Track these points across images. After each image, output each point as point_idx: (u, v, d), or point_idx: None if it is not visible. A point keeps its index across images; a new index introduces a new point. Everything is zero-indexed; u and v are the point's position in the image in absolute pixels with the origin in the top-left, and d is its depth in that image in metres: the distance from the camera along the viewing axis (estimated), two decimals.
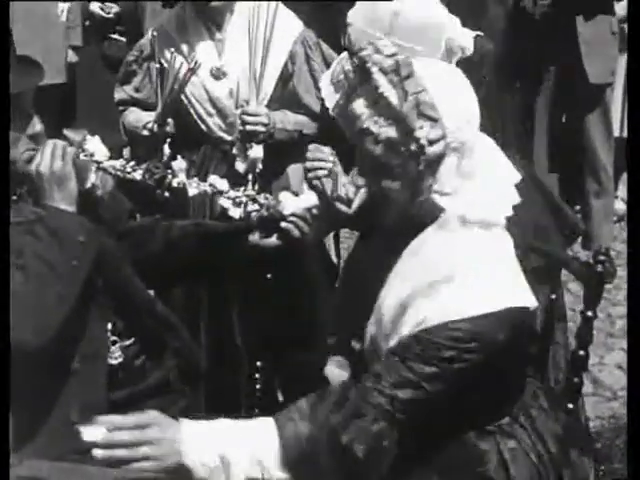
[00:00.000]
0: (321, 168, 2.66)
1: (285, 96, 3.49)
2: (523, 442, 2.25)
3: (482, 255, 2.15)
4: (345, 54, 2.92)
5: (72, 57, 6.48)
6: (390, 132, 2.10)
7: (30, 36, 5.92)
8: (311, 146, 2.75)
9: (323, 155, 2.70)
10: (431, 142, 2.08)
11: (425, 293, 2.12)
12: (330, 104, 2.37)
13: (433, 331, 2.08)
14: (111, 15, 6.75)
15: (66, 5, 6.32)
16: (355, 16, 2.72)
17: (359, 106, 2.14)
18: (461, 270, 2.11)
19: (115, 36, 6.80)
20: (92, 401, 2.45)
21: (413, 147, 2.08)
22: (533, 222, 3.11)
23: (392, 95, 2.09)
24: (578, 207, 5.79)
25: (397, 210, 2.21)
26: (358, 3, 2.75)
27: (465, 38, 2.89)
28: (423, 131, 2.07)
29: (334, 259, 3.63)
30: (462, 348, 2.08)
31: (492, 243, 2.18)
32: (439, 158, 2.10)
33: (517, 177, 2.27)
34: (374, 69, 2.12)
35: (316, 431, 2.08)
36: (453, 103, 2.12)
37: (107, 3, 6.75)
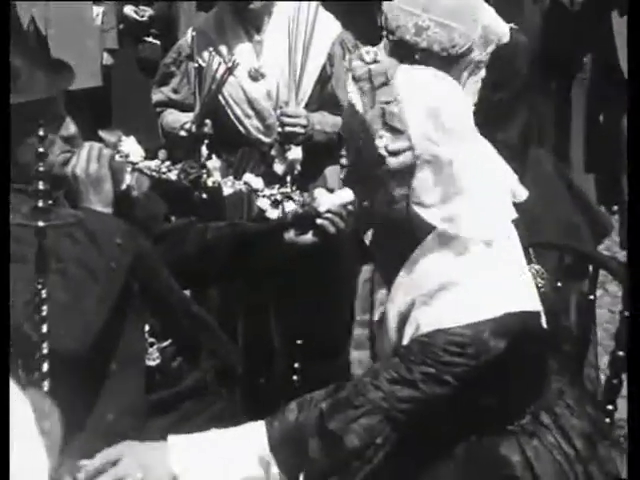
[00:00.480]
0: None
1: (323, 97, 3.50)
2: (545, 441, 2.24)
3: (478, 264, 2.14)
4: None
5: (107, 59, 6.53)
6: (359, 141, 2.12)
7: (65, 41, 5.99)
8: None
9: None
10: (393, 153, 2.08)
11: (423, 302, 2.13)
12: None
13: (432, 335, 2.09)
14: (145, 18, 6.79)
15: (101, 9, 6.36)
16: None
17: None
18: (457, 279, 2.11)
19: (149, 39, 6.84)
20: (130, 403, 2.45)
21: (376, 156, 2.09)
22: (563, 221, 3.11)
23: (358, 102, 2.11)
24: (616, 207, 5.74)
25: (381, 219, 2.23)
26: None
27: (500, 25, 2.90)
28: (382, 141, 2.08)
29: None
30: (461, 353, 2.08)
31: (487, 253, 2.16)
32: (408, 169, 2.10)
33: (522, 195, 2.24)
34: (349, 75, 2.13)
35: (303, 417, 2.09)
36: (432, 116, 2.09)
37: (141, 6, 6.80)
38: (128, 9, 6.78)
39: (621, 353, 2.64)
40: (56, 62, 2.45)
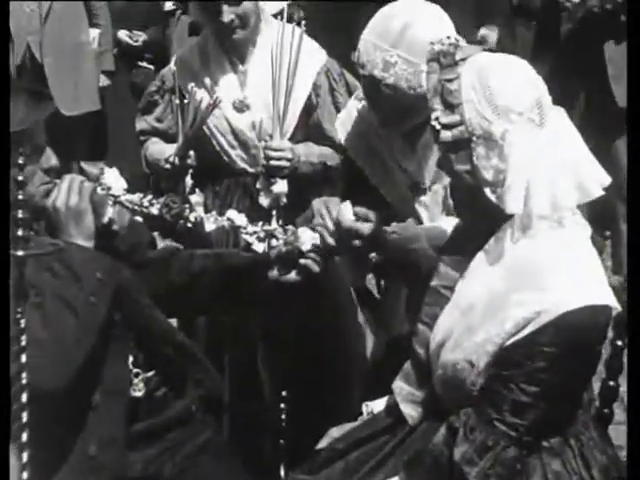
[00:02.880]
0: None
1: (309, 128, 3.47)
2: (568, 464, 2.26)
3: (570, 248, 2.22)
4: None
5: (104, 81, 6.47)
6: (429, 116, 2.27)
7: (63, 67, 5.93)
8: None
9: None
10: (445, 126, 2.20)
11: (526, 286, 2.17)
12: None
13: (542, 330, 2.14)
14: (139, 43, 6.79)
15: (97, 31, 6.30)
16: (368, 31, 2.77)
17: None
18: (556, 264, 2.18)
19: (143, 64, 6.83)
20: (110, 435, 2.43)
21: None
22: None
23: (424, 80, 2.30)
24: (608, 232, 5.72)
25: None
26: (373, 19, 2.80)
27: None
28: (435, 113, 2.21)
29: (376, 295, 3.54)
30: (570, 338, 2.14)
31: (573, 236, 2.25)
32: (462, 144, 2.20)
33: (606, 179, 2.28)
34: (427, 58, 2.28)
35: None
36: (486, 94, 2.18)
37: (135, 31, 6.79)
38: (122, 34, 6.77)
39: (612, 383, 2.62)
40: (36, 92, 2.43)
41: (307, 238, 2.59)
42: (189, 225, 2.53)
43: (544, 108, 2.23)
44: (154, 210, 2.46)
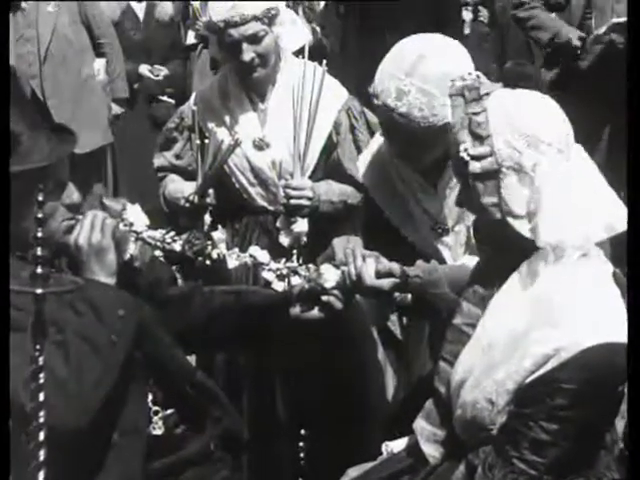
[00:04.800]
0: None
1: (329, 166, 3.46)
2: None
3: (591, 286, 2.19)
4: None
5: (116, 110, 6.44)
6: (454, 149, 2.27)
7: (68, 107, 5.87)
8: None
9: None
10: (475, 157, 2.21)
11: (546, 324, 2.16)
12: None
13: (561, 367, 2.12)
14: (160, 77, 6.83)
15: (102, 61, 6.27)
16: (385, 61, 2.78)
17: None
18: (575, 301, 2.16)
19: (164, 98, 6.87)
20: (128, 475, 2.41)
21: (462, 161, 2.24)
22: None
23: (449, 114, 2.34)
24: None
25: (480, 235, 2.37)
26: (391, 51, 2.80)
27: None
28: (463, 145, 2.23)
29: (398, 335, 3.49)
30: (594, 377, 2.12)
31: (594, 271, 2.22)
32: (491, 175, 2.20)
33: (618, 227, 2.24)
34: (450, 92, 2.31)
35: None
36: (515, 126, 2.19)
37: (156, 66, 6.83)
38: (143, 68, 6.82)
39: None
40: (58, 128, 2.41)
41: (330, 275, 2.58)
42: (208, 262, 2.53)
43: (570, 141, 2.24)
44: (176, 246, 2.46)
